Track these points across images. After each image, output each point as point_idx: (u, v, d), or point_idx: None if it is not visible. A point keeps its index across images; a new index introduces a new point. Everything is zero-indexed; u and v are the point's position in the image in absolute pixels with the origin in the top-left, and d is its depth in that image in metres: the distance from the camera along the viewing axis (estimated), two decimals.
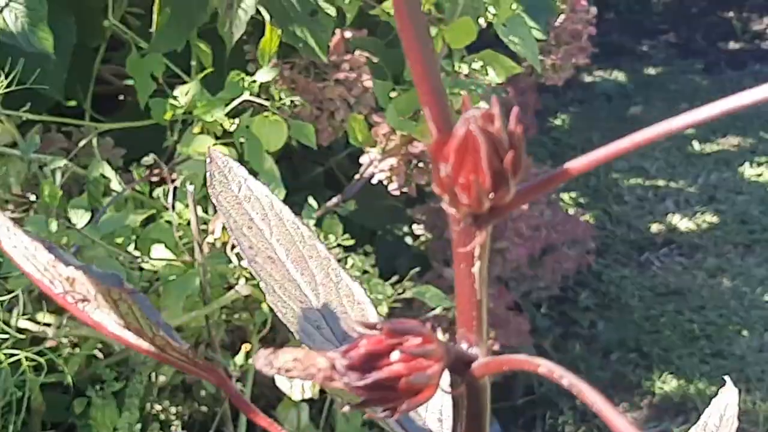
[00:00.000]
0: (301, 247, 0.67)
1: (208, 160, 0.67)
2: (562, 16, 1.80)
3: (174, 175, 1.53)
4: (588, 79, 3.52)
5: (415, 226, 1.85)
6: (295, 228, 0.67)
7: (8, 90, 1.48)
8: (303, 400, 1.54)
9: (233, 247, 1.52)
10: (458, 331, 0.49)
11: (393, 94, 1.73)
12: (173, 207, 1.51)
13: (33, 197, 1.50)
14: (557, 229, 1.98)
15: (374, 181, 1.74)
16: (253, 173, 0.67)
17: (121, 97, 1.92)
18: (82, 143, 1.59)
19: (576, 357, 2.22)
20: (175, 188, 1.51)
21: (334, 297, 0.66)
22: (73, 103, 1.74)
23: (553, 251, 2.02)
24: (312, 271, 0.66)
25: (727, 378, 0.75)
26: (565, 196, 2.73)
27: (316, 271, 0.67)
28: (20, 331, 1.41)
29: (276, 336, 1.62)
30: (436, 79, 0.44)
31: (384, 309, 1.56)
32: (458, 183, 0.44)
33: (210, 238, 1.49)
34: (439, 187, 0.44)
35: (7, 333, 1.32)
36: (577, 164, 0.45)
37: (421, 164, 1.76)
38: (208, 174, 0.66)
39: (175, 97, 1.52)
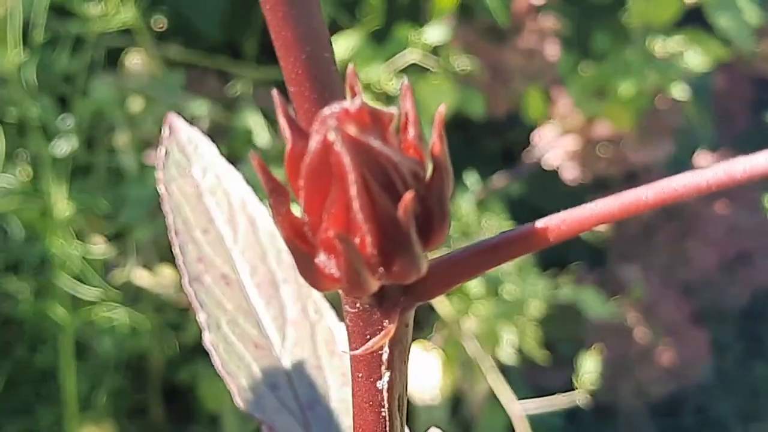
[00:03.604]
0: (273, 266, 0.45)
1: (165, 132, 0.47)
2: None
3: None
4: None
5: None
6: (270, 239, 0.46)
7: (161, 28, 1.35)
8: None
9: None
10: None
11: (580, 68, 1.48)
12: None
13: None
14: (754, 236, 1.67)
15: (545, 163, 1.50)
16: None
17: None
18: (237, 91, 1.44)
19: (758, 378, 1.90)
20: None
21: (307, 342, 0.45)
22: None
23: (746, 260, 1.71)
24: (282, 302, 0.45)
25: None
26: None
27: (288, 302, 0.45)
28: (138, 289, 1.28)
29: None
30: (311, 28, 0.22)
31: (532, 310, 1.32)
32: (319, 237, 0.23)
33: None
34: (285, 237, 0.23)
35: (114, 290, 1.19)
36: (554, 223, 0.23)
37: (603, 151, 1.50)
38: (160, 151, 0.46)
39: None
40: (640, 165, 1.51)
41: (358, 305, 0.25)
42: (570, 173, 1.51)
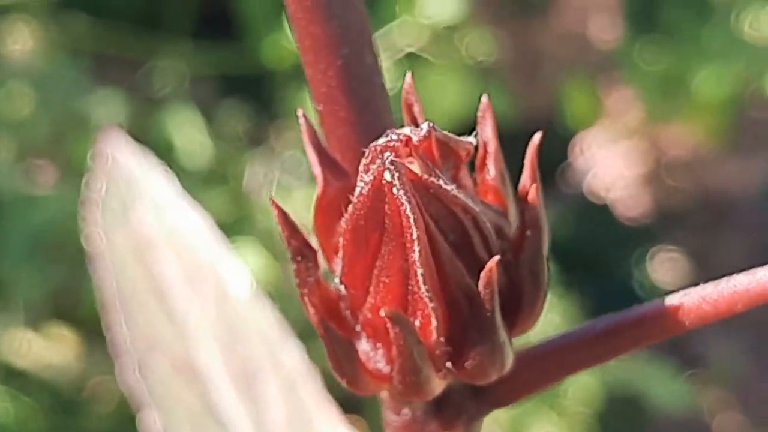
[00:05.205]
0: (250, 349, 0.45)
1: (102, 157, 0.47)
2: None
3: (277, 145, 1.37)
4: None
5: (657, 262, 1.61)
6: (247, 311, 0.46)
7: None
8: None
9: None
10: None
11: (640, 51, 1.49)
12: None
13: None
14: None
15: (589, 188, 1.51)
16: None
17: None
18: (166, 83, 1.44)
19: None
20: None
21: None
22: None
23: None
24: (263, 399, 0.45)
25: None
26: None
27: (270, 399, 0.45)
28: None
29: None
30: (351, 22, 0.23)
31: (576, 393, 1.33)
32: (362, 317, 0.23)
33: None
34: (314, 316, 0.23)
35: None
36: (692, 301, 0.23)
37: (674, 171, 1.52)
38: (93, 185, 0.46)
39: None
40: (724, 192, 1.52)
41: (405, 412, 0.25)
42: (627, 204, 1.52)
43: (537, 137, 0.22)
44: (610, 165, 1.51)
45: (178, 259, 0.45)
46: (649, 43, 1.48)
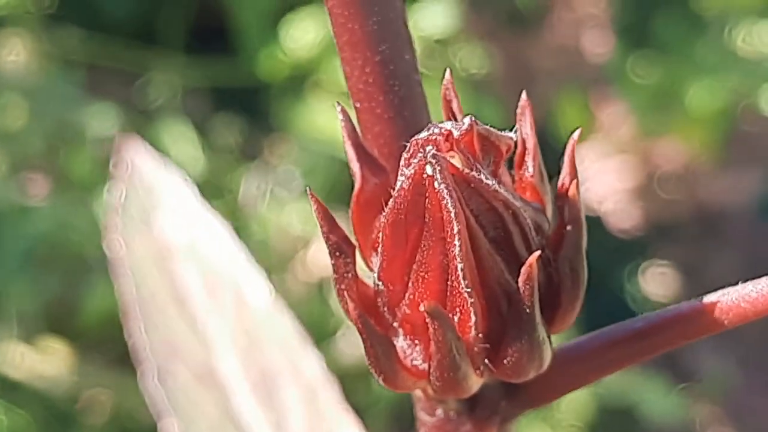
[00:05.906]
0: (269, 356, 0.45)
1: (122, 164, 0.46)
2: None
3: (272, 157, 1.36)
4: None
5: (649, 275, 1.61)
6: (266, 319, 0.45)
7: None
8: None
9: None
10: None
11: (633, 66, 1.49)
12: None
13: None
14: None
15: (583, 194, 1.50)
16: None
17: None
18: (159, 96, 1.44)
19: None
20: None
21: None
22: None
23: None
24: (282, 406, 0.45)
25: None
26: None
27: (290, 407, 0.45)
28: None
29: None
30: (389, 19, 0.23)
31: (569, 405, 1.33)
32: (400, 313, 0.22)
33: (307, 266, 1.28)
34: (352, 312, 0.22)
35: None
36: (731, 300, 0.23)
37: (666, 184, 1.52)
38: (114, 192, 0.46)
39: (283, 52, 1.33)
40: (716, 206, 1.52)
41: (439, 412, 0.25)
42: (619, 217, 1.52)
43: (576, 134, 0.22)
44: (603, 178, 1.51)
45: (198, 266, 0.44)
46: (641, 57, 1.48)
